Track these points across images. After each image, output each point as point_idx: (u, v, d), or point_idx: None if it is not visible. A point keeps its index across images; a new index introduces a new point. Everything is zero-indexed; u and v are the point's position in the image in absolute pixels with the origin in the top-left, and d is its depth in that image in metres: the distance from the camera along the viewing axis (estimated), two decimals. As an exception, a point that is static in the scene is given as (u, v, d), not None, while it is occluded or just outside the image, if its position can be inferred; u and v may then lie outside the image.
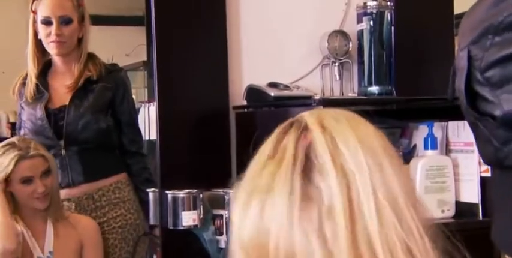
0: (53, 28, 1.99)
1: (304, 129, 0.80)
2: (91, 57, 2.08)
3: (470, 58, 0.91)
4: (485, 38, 0.88)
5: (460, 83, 0.94)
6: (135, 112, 2.16)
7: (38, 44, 2.04)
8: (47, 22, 2.00)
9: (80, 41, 2.05)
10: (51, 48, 2.02)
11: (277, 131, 0.82)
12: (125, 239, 2.01)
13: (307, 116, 0.82)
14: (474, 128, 0.95)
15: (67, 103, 2.02)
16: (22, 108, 2.09)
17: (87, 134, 2.00)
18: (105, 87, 2.04)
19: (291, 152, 0.77)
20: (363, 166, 0.76)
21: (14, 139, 1.94)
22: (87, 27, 2.06)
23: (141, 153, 2.10)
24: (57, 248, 1.88)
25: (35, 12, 2.03)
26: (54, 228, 1.88)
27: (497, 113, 0.87)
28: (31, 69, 2.04)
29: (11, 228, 1.79)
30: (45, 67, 2.08)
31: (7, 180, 1.84)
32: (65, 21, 2.00)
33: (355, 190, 0.75)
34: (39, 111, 2.01)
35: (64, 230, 1.90)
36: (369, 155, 0.77)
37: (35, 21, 2.03)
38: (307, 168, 0.76)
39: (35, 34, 2.03)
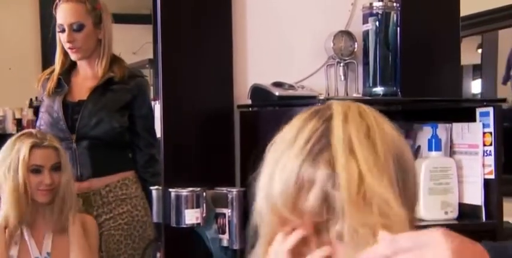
0: (65, 35, 2.02)
1: (328, 119, 0.83)
2: (117, 60, 2.11)
3: None
4: None
5: None
6: (153, 118, 2.16)
7: (64, 49, 2.08)
8: (61, 29, 2.03)
9: (100, 41, 2.07)
10: (70, 54, 2.07)
11: (302, 116, 0.85)
12: (130, 235, 2.02)
13: (335, 106, 0.85)
14: None
15: (85, 98, 2.04)
16: (42, 101, 2.12)
17: (98, 130, 2.02)
18: (125, 89, 2.08)
19: (304, 140, 0.83)
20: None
21: (32, 130, 1.97)
22: (107, 29, 2.08)
23: (156, 158, 2.10)
24: (55, 249, 1.88)
25: (56, 19, 2.07)
26: (54, 228, 1.88)
27: None
28: (56, 70, 2.08)
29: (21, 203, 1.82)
30: (70, 66, 2.11)
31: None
32: (76, 27, 2.03)
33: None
34: (57, 104, 2.04)
35: (65, 231, 1.89)
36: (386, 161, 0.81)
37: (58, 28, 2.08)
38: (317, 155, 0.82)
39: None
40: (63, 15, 2.04)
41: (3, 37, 2.89)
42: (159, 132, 2.07)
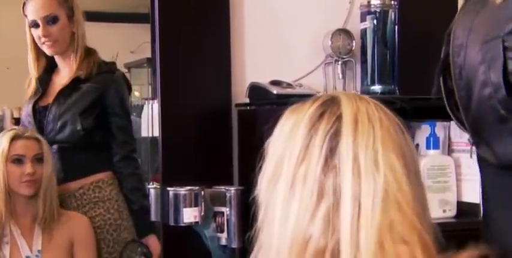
0: (40, 30, 1.95)
1: (337, 120, 0.81)
2: (90, 54, 2.01)
3: (505, 48, 0.88)
4: None
5: (489, 76, 0.91)
6: (128, 115, 2.07)
7: (36, 48, 2.01)
8: (34, 25, 1.96)
9: (74, 35, 2.00)
10: (46, 49, 1.98)
11: (308, 115, 0.83)
12: (103, 239, 1.94)
13: (345, 106, 0.83)
14: (499, 124, 0.92)
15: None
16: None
17: (63, 134, 1.94)
18: (92, 88, 1.97)
19: (317, 152, 0.82)
20: (379, 179, 0.80)
21: (15, 127, 1.96)
22: (80, 21, 1.99)
23: (132, 157, 2.02)
24: (46, 247, 1.87)
25: (26, 16, 2.00)
26: (43, 226, 1.87)
27: None
28: (32, 73, 2.03)
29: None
30: (52, 64, 2.05)
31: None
32: (50, 20, 1.95)
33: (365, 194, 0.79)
34: (29, 108, 2.00)
35: (53, 227, 1.88)
36: (388, 168, 0.80)
37: (29, 24, 2.00)
38: (326, 166, 0.81)
39: (32, 38, 2.00)
40: (35, 9, 1.96)
41: (2, 36, 2.89)
42: (157, 132, 2.06)
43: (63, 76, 2.02)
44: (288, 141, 0.84)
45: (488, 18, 0.95)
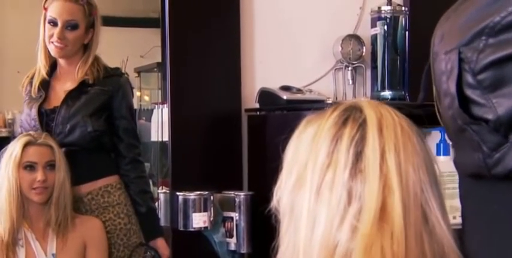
0: (57, 30, 1.94)
1: (362, 125, 0.82)
2: (95, 60, 2.01)
3: (460, 60, 0.89)
4: (478, 40, 0.87)
5: (448, 86, 0.92)
6: (134, 118, 2.06)
7: (46, 47, 2.00)
8: (53, 23, 1.95)
9: (86, 46, 2.00)
10: (52, 50, 1.98)
11: (331, 121, 0.84)
12: (114, 244, 1.93)
13: (368, 111, 0.84)
14: (459, 134, 0.93)
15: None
16: (23, 107, 2.07)
17: (73, 136, 1.93)
18: (101, 91, 1.97)
19: (344, 157, 0.81)
20: (409, 184, 0.81)
21: (31, 132, 1.95)
22: (97, 35, 2.00)
23: (138, 160, 2.01)
24: (60, 250, 1.87)
25: (46, 10, 2.00)
26: (57, 230, 1.87)
27: (490, 116, 0.86)
28: (43, 66, 2.01)
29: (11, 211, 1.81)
30: (51, 67, 2.04)
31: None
32: (70, 25, 1.94)
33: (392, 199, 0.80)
34: (33, 111, 1.98)
35: (67, 231, 1.88)
36: (413, 175, 0.81)
37: (45, 18, 2.00)
38: (353, 171, 0.81)
39: (44, 35, 2.00)
40: (59, 10, 1.94)
41: (12, 40, 2.90)
42: (167, 136, 2.05)
43: (66, 81, 2.01)
44: (310, 148, 0.84)
45: (454, 26, 0.96)
